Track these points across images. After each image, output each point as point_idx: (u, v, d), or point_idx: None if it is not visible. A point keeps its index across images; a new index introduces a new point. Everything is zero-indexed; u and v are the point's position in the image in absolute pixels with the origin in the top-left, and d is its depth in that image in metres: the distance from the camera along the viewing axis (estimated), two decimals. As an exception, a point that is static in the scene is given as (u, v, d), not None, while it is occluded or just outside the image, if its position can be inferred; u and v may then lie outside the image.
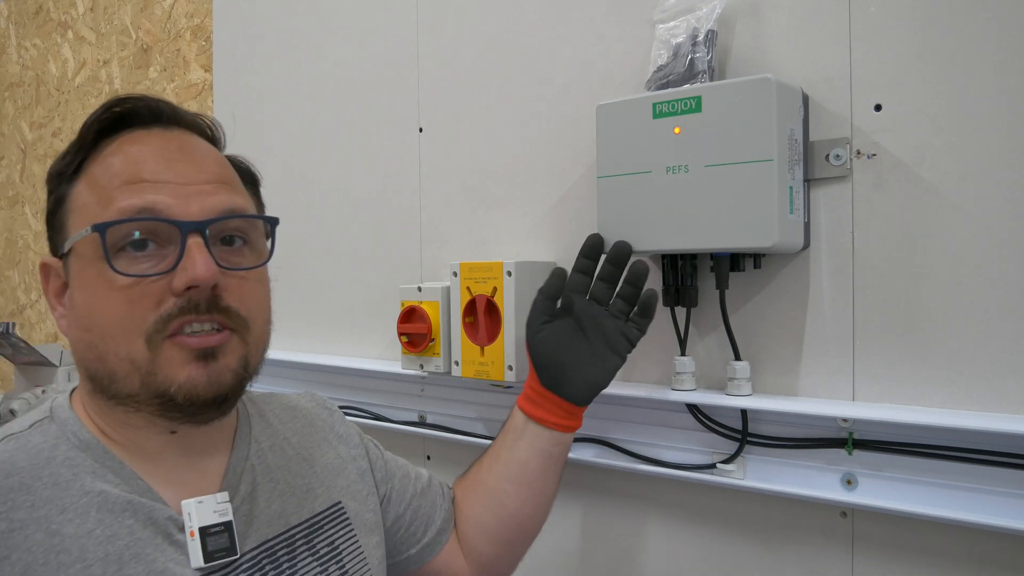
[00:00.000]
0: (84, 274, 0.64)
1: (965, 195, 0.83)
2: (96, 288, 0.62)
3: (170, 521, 0.64)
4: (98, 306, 0.62)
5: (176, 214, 0.63)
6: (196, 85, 1.83)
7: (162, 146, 0.66)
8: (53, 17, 2.34)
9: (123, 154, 0.65)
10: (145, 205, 0.62)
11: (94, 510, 0.61)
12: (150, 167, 0.64)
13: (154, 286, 0.62)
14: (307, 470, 0.78)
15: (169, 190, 0.63)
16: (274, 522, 0.71)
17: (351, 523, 0.79)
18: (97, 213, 0.63)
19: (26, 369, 1.91)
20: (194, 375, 0.62)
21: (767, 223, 0.85)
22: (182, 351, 0.62)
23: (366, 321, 1.42)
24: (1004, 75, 0.81)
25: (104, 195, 0.63)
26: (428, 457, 1.34)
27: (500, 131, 1.22)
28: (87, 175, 0.65)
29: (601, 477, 1.12)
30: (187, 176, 0.65)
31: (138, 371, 0.62)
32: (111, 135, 0.67)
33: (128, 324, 0.61)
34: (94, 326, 0.63)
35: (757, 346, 0.97)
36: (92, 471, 0.63)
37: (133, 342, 0.61)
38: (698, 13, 0.96)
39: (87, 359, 0.64)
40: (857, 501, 0.87)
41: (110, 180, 0.63)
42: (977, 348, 0.83)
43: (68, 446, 0.64)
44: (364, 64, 1.42)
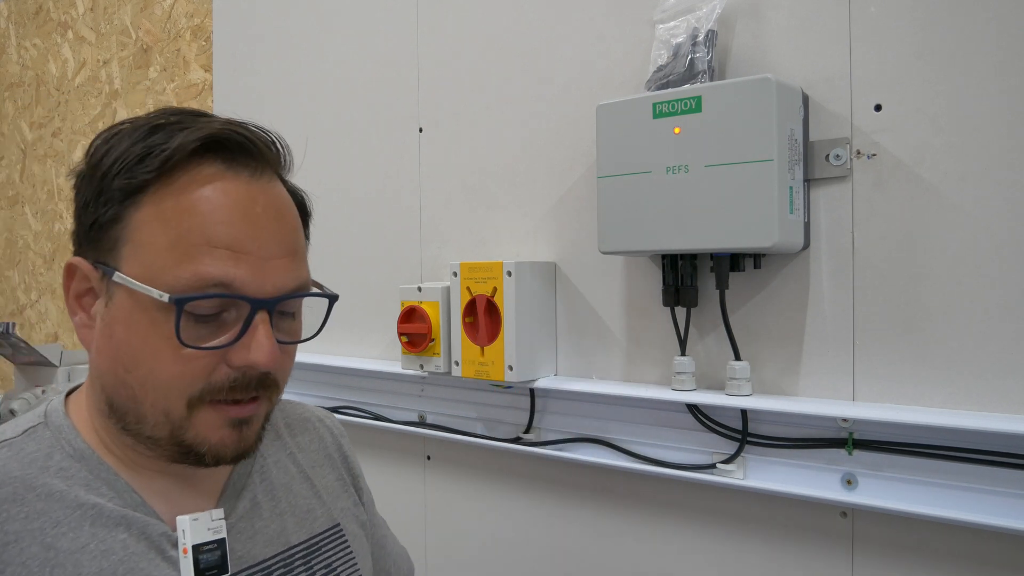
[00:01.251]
0: (136, 316, 0.59)
1: (965, 195, 0.83)
2: (148, 338, 0.59)
3: (164, 537, 0.62)
4: (147, 356, 0.59)
5: (250, 290, 0.59)
6: (196, 85, 1.83)
7: (249, 204, 0.60)
8: (53, 17, 2.34)
9: (210, 205, 0.59)
10: (225, 279, 0.58)
11: (88, 524, 0.59)
12: (238, 232, 0.59)
13: (212, 355, 0.59)
14: (309, 490, 0.76)
15: (249, 263, 0.59)
16: (273, 541, 0.70)
17: (350, 546, 0.77)
18: (167, 264, 0.58)
19: (26, 369, 1.91)
20: (226, 439, 0.61)
21: (767, 223, 0.85)
22: (220, 416, 0.61)
23: (366, 321, 1.42)
24: (1004, 75, 0.81)
25: (180, 248, 0.58)
26: (428, 457, 1.34)
27: (500, 131, 1.22)
28: (159, 206, 0.59)
29: (601, 477, 1.12)
30: (269, 248, 0.61)
31: (170, 424, 0.60)
32: (192, 157, 0.60)
33: (175, 386, 0.59)
34: (136, 370, 0.59)
35: (757, 346, 0.97)
36: (86, 483, 0.61)
37: (174, 401, 0.59)
38: (698, 13, 0.96)
39: (117, 393, 0.61)
40: (857, 501, 0.87)
41: (190, 232, 0.58)
42: (977, 348, 0.83)
43: (62, 455, 0.62)
44: (364, 64, 1.42)
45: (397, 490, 1.39)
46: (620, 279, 1.09)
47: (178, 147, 0.58)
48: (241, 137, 0.61)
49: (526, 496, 1.21)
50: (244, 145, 0.61)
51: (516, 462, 1.22)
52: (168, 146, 0.58)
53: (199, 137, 0.59)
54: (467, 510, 1.29)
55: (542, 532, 1.19)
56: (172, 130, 0.60)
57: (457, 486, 1.30)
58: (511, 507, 1.23)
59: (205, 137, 0.59)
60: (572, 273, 1.14)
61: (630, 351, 1.08)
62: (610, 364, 1.10)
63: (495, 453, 1.23)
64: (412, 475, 1.36)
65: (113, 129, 0.62)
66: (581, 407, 1.12)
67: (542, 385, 1.11)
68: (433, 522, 1.34)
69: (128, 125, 0.62)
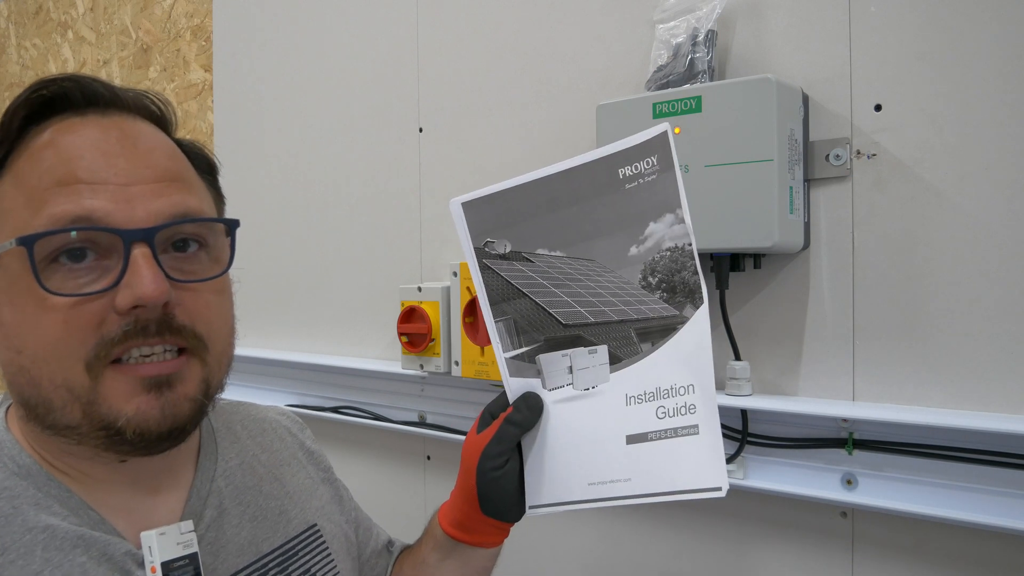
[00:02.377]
0: (12, 289, 0.54)
1: (965, 195, 0.83)
2: (26, 306, 0.53)
3: (128, 556, 0.56)
4: (29, 326, 0.53)
5: (117, 221, 0.53)
6: (196, 85, 1.83)
7: (100, 137, 0.55)
8: (53, 17, 2.34)
9: (55, 148, 0.54)
10: (81, 212, 0.52)
11: (39, 548, 0.53)
12: (86, 164, 0.54)
13: (94, 304, 0.53)
14: (279, 490, 0.71)
15: (109, 192, 0.53)
16: (244, 551, 0.64)
17: (328, 546, 0.72)
18: (26, 219, 0.53)
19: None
20: (144, 407, 0.53)
21: (767, 223, 0.85)
22: (129, 379, 0.53)
23: (366, 321, 1.42)
24: (1004, 75, 0.81)
25: (34, 197, 0.53)
26: (428, 457, 1.34)
27: (500, 131, 1.22)
28: (13, 171, 0.55)
29: (601, 477, 1.12)
30: (130, 174, 0.55)
31: (78, 400, 0.53)
32: (40, 122, 0.56)
33: (64, 349, 0.52)
34: (25, 348, 0.53)
35: (757, 346, 0.97)
36: (35, 502, 0.55)
37: (71, 368, 0.52)
38: (698, 13, 0.96)
39: (18, 383, 0.55)
40: (857, 501, 0.87)
41: (40, 179, 0.53)
42: (977, 348, 0.83)
43: (6, 473, 0.56)
44: (364, 64, 1.42)
45: (397, 490, 1.39)
46: (620, 279, 1.09)
47: (13, 112, 0.55)
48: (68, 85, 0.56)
49: (526, 496, 1.21)
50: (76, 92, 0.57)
51: (516, 462, 1.22)
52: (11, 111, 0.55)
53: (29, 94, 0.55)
54: (467, 510, 1.29)
55: (542, 532, 1.19)
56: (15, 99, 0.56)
57: (457, 486, 1.30)
58: (511, 507, 1.23)
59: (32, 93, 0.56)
60: (572, 273, 1.14)
61: (630, 351, 1.08)
62: (610, 364, 1.10)
63: (495, 453, 1.23)
64: (412, 475, 1.36)
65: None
66: (581, 407, 1.12)
67: (542, 385, 1.11)
68: (433, 522, 1.34)
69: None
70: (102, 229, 0.53)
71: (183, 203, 0.56)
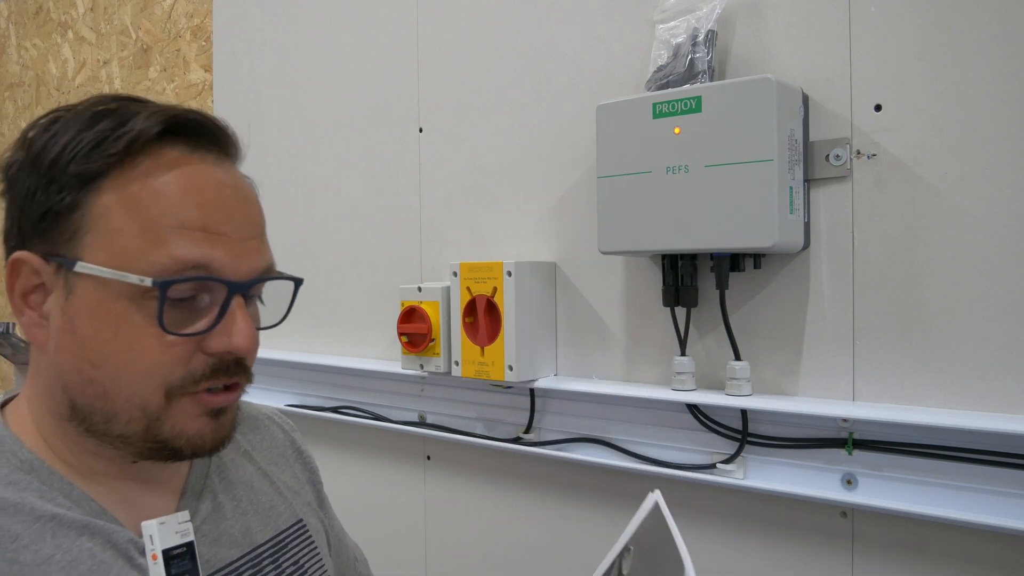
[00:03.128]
0: (106, 307, 0.56)
1: (965, 195, 0.83)
2: (120, 328, 0.56)
3: (131, 544, 0.59)
4: (119, 347, 0.56)
5: (228, 273, 0.58)
6: (196, 85, 1.83)
7: (220, 187, 0.59)
8: (53, 17, 2.34)
9: (181, 188, 0.57)
10: (202, 260, 0.56)
11: (49, 535, 0.56)
12: (212, 214, 0.58)
13: (188, 342, 0.57)
14: (269, 486, 0.74)
15: (226, 245, 0.58)
16: (239, 542, 0.67)
17: (313, 541, 0.76)
18: (141, 249, 0.55)
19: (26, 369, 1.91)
20: (203, 430, 0.59)
21: (767, 223, 0.85)
22: (197, 406, 0.59)
23: (366, 321, 1.42)
24: (1004, 75, 0.81)
25: (154, 232, 0.56)
26: (428, 457, 1.34)
27: (500, 131, 1.22)
28: (124, 191, 0.56)
29: (601, 477, 1.12)
30: (242, 229, 0.60)
31: (146, 418, 0.57)
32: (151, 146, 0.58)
33: (154, 376, 0.57)
34: (105, 364, 0.56)
35: (757, 346, 0.97)
36: (39, 494, 0.58)
37: (152, 393, 0.57)
38: (698, 13, 0.96)
39: (82, 392, 0.58)
40: (857, 501, 0.87)
41: (162, 215, 0.56)
42: (977, 348, 0.83)
43: (9, 468, 0.58)
44: (364, 64, 1.42)
45: (397, 490, 1.39)
46: (620, 279, 1.09)
47: (142, 130, 0.56)
48: (203, 121, 0.60)
49: (526, 496, 1.21)
50: (206, 129, 0.60)
51: (516, 462, 1.22)
52: (129, 129, 0.56)
53: (162, 120, 0.57)
54: (467, 510, 1.29)
55: (542, 532, 1.19)
56: (123, 114, 0.57)
57: (457, 486, 1.30)
58: (511, 507, 1.23)
59: (168, 120, 0.57)
60: (572, 273, 1.14)
61: (630, 351, 1.08)
62: (610, 364, 1.10)
63: (495, 453, 1.23)
64: (412, 475, 1.36)
65: (50, 116, 0.59)
66: (581, 407, 1.12)
67: (542, 385, 1.11)
68: (433, 522, 1.34)
69: (67, 113, 0.59)
70: (216, 280, 0.57)
71: (270, 260, 0.63)
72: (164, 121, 0.57)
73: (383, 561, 1.00)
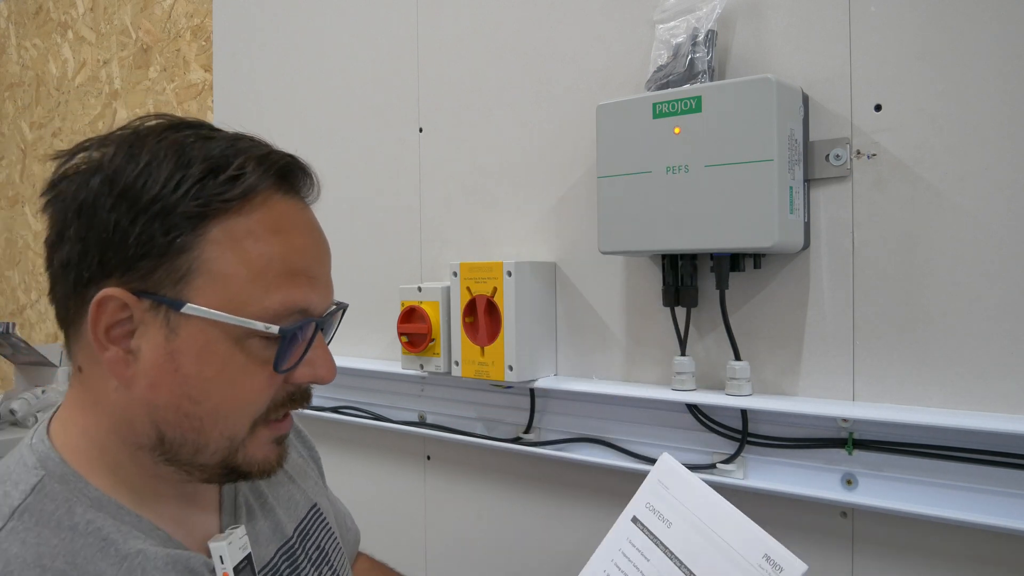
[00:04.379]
0: (213, 347, 0.58)
1: (965, 195, 0.83)
2: (226, 367, 0.58)
3: (204, 567, 0.62)
4: (222, 385, 0.58)
5: (318, 312, 0.62)
6: (196, 85, 1.83)
7: (312, 231, 0.64)
8: (53, 17, 2.34)
9: (284, 236, 0.60)
10: (305, 305, 0.60)
11: (139, 571, 0.57)
12: (310, 259, 0.62)
13: (277, 375, 0.61)
14: (284, 477, 0.77)
15: (319, 287, 0.62)
16: (271, 538, 0.70)
17: (328, 521, 0.79)
18: (253, 295, 0.58)
19: (26, 369, 1.92)
20: (270, 455, 0.63)
21: (767, 223, 0.85)
22: (270, 433, 0.62)
23: (366, 321, 1.42)
24: (1004, 75, 0.81)
25: (264, 279, 0.58)
26: (428, 457, 1.34)
27: (500, 131, 1.22)
28: (231, 234, 0.57)
29: (601, 477, 1.12)
30: (327, 271, 0.65)
31: (229, 448, 0.60)
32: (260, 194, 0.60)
33: (249, 410, 0.60)
34: (206, 400, 0.58)
35: (757, 346, 0.97)
36: (117, 530, 0.58)
37: (243, 425, 0.60)
38: (698, 13, 0.96)
39: (178, 426, 0.59)
40: (857, 501, 0.87)
41: (268, 264, 0.58)
42: (977, 348, 0.83)
43: (83, 507, 0.58)
44: (364, 64, 1.42)
45: (397, 490, 1.39)
46: (620, 279, 1.09)
47: (261, 175, 0.59)
48: (301, 167, 0.64)
49: (526, 496, 1.21)
50: (302, 174, 0.64)
51: (516, 462, 1.22)
52: (241, 173, 0.58)
53: (276, 171, 0.60)
54: (467, 510, 1.29)
55: (542, 532, 1.19)
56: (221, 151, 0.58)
57: (457, 486, 1.30)
58: (511, 507, 1.23)
59: (282, 168, 0.61)
60: (572, 273, 1.14)
61: (630, 351, 1.08)
62: (610, 364, 1.10)
63: (495, 453, 1.23)
64: (412, 475, 1.36)
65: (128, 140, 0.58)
66: (581, 407, 1.12)
67: (542, 385, 1.11)
68: (433, 522, 1.34)
69: (142, 138, 0.58)
70: (312, 321, 0.61)
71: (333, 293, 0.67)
72: (277, 170, 0.60)
73: (383, 561, 1.00)
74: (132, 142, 0.58)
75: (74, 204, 0.57)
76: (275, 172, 0.60)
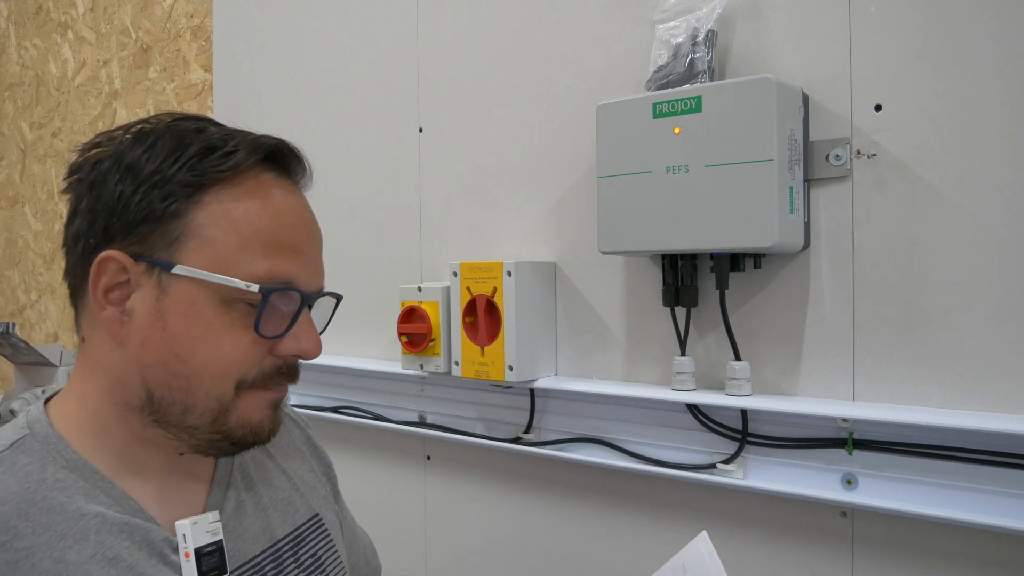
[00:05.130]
0: (199, 307, 0.61)
1: (965, 195, 0.83)
2: (211, 326, 0.62)
3: (165, 543, 0.63)
4: (207, 343, 0.62)
5: (304, 287, 0.65)
6: (196, 85, 1.83)
7: (302, 210, 0.68)
8: (53, 17, 2.34)
9: (272, 210, 0.64)
10: (290, 278, 0.63)
11: (92, 532, 0.60)
12: (298, 235, 0.66)
13: (264, 343, 0.63)
14: (287, 482, 0.78)
15: (306, 263, 0.66)
16: (260, 537, 0.71)
17: (330, 534, 0.79)
18: (240, 260, 0.62)
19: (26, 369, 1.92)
20: (264, 420, 0.65)
21: (767, 223, 0.85)
22: (262, 398, 0.65)
23: (366, 321, 1.42)
24: (1004, 75, 0.81)
25: (252, 247, 0.62)
26: (428, 457, 1.34)
27: (500, 131, 1.22)
28: (224, 205, 0.62)
29: (601, 477, 1.12)
30: (315, 250, 0.68)
31: (218, 409, 0.63)
32: (251, 169, 0.65)
33: (233, 371, 0.63)
34: (192, 359, 0.61)
35: (757, 346, 0.97)
36: (84, 492, 0.61)
37: (227, 386, 0.63)
38: (698, 13, 0.96)
39: (165, 384, 0.62)
40: (857, 501, 0.87)
41: (255, 233, 0.63)
42: (977, 348, 0.83)
43: (56, 467, 0.62)
44: (364, 64, 1.42)
45: (397, 490, 1.39)
46: (620, 279, 1.09)
47: (248, 154, 0.63)
48: (292, 152, 0.68)
49: (526, 496, 1.21)
50: (293, 158, 0.68)
51: (516, 462, 1.22)
52: (234, 150, 0.63)
53: (265, 149, 0.65)
54: (467, 510, 1.29)
55: (542, 532, 1.19)
56: (220, 136, 0.64)
57: (457, 486, 1.30)
58: (511, 507, 1.23)
59: (269, 149, 0.65)
60: (572, 273, 1.14)
61: (630, 351, 1.08)
62: (610, 364, 1.10)
63: (495, 453, 1.23)
64: (412, 475, 1.36)
65: (135, 130, 0.64)
66: (581, 407, 1.12)
67: (542, 385, 1.11)
68: (433, 522, 1.34)
69: (152, 127, 0.64)
70: (300, 292, 0.64)
71: (323, 276, 0.70)
72: (266, 149, 0.65)
73: (383, 561, 1.00)
74: (140, 128, 0.64)
75: (87, 183, 0.63)
76: (265, 151, 0.65)
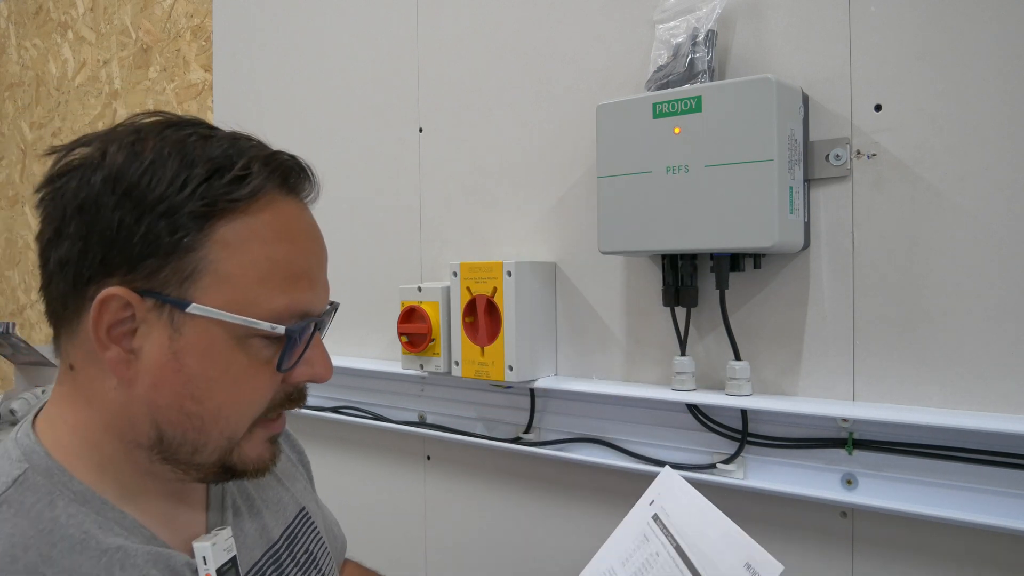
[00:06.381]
0: (218, 347, 0.57)
1: (965, 195, 0.83)
2: (230, 366, 0.58)
3: (187, 567, 0.61)
4: (225, 384, 0.58)
5: (317, 312, 0.62)
6: (196, 85, 1.83)
7: (313, 231, 0.64)
8: (53, 17, 2.34)
9: (288, 237, 0.60)
10: (308, 308, 0.61)
11: (117, 568, 0.56)
12: (311, 261, 0.63)
13: (279, 375, 0.61)
14: (273, 480, 0.76)
15: (318, 289, 0.63)
16: (257, 542, 0.69)
17: (316, 526, 0.78)
18: (259, 297, 0.58)
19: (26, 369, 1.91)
20: (264, 455, 0.63)
21: (767, 223, 0.85)
22: (265, 432, 0.63)
23: (366, 321, 1.42)
24: (1004, 75, 0.81)
25: (271, 282, 0.58)
26: (428, 457, 1.34)
27: (500, 131, 1.22)
28: (239, 235, 0.57)
29: (601, 477, 1.12)
30: (325, 269, 0.65)
31: (228, 447, 0.60)
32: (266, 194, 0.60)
33: (252, 409, 0.61)
34: (209, 400, 0.58)
35: (757, 346, 0.97)
36: (99, 525, 0.58)
37: (243, 424, 0.60)
38: (698, 13, 0.96)
39: (178, 425, 0.58)
40: (857, 501, 0.87)
41: (274, 267, 0.59)
42: (977, 348, 0.83)
43: (65, 501, 0.57)
44: (364, 64, 1.42)
45: (397, 490, 1.39)
46: (620, 279, 1.09)
47: (267, 176, 0.58)
48: (303, 168, 0.64)
49: (526, 496, 1.21)
50: (304, 175, 0.64)
51: (516, 462, 1.22)
52: (247, 173, 0.57)
53: (281, 173, 0.60)
54: (467, 510, 1.29)
55: (542, 532, 1.19)
56: (224, 151, 0.58)
57: (457, 486, 1.30)
58: (511, 507, 1.23)
59: (287, 170, 0.61)
60: (572, 273, 1.14)
61: (630, 351, 1.08)
62: (610, 364, 1.10)
63: (495, 453, 1.23)
64: (412, 475, 1.36)
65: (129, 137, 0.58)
66: (581, 407, 1.12)
67: (542, 385, 1.11)
68: (433, 522, 1.34)
69: (143, 135, 0.58)
70: (312, 320, 0.61)
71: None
72: (282, 173, 0.60)
73: (383, 561, 1.00)
74: (133, 140, 0.57)
75: (74, 201, 0.56)
76: (280, 173, 0.60)
